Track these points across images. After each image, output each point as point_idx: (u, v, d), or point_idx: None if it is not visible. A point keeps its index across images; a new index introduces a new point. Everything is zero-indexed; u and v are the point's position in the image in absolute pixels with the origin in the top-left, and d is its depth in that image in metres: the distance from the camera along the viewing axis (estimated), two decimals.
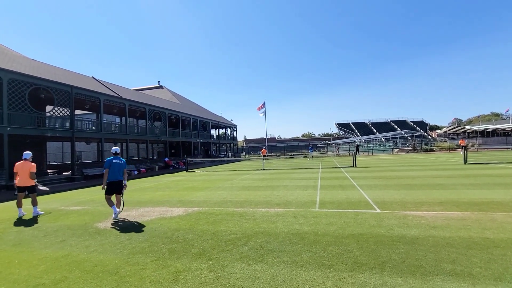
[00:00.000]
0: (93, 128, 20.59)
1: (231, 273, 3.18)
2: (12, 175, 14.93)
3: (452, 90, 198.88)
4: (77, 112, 23.24)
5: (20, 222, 6.38)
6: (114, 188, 6.21)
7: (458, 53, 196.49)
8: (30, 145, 18.37)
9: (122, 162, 6.35)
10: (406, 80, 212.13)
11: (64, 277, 3.28)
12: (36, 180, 7.24)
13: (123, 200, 6.59)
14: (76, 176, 17.28)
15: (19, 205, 6.97)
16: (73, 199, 9.56)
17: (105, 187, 6.15)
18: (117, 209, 6.20)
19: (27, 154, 7.26)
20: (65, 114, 18.81)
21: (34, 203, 7.11)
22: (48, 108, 20.63)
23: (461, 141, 30.38)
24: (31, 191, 7.10)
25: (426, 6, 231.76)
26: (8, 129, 13.64)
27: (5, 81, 13.56)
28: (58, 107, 18.01)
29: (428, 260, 3.27)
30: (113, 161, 6.19)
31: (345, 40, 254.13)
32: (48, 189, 8.36)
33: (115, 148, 6.45)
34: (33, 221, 6.42)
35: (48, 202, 9.04)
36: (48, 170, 21.05)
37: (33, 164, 7.17)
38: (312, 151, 35.10)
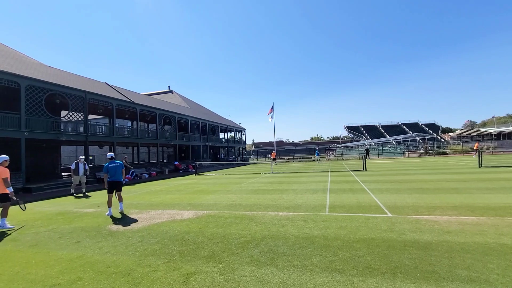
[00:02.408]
0: (106, 132, 21.07)
1: (241, 276, 3.19)
2: (28, 178, 15.45)
3: (465, 92, 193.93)
4: (90, 116, 23.87)
5: (36, 223, 6.58)
6: (114, 187, 7.34)
7: (470, 53, 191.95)
8: (46, 149, 18.99)
9: (118, 164, 7.46)
10: (417, 81, 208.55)
11: (79, 278, 3.37)
12: (11, 189, 6.38)
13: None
14: (89, 179, 17.68)
15: None
16: (87, 202, 9.79)
17: (107, 187, 7.31)
18: (120, 203, 7.47)
19: (1, 158, 6.38)
20: (79, 119, 19.37)
21: (4, 214, 6.29)
22: (63, 113, 21.30)
23: (476, 144, 29.67)
24: (3, 200, 6.30)
25: (437, 5, 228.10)
26: (25, 133, 14.15)
27: (23, 87, 14.10)
28: (73, 112, 18.57)
29: (442, 266, 3.20)
30: (109, 165, 7.29)
31: (354, 42, 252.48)
32: (24, 209, 7.33)
33: (110, 154, 7.66)
34: (48, 222, 6.61)
35: (63, 205, 9.30)
36: (62, 173, 21.64)
37: (5, 169, 6.34)
38: (318, 155, 34.79)
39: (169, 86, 44.93)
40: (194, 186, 13.08)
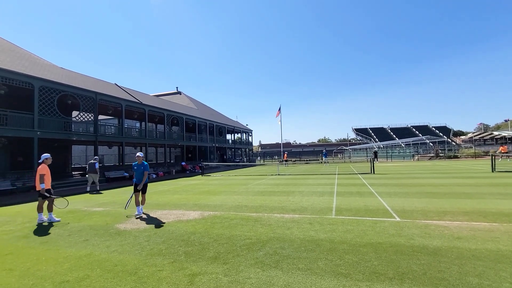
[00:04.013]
0: (115, 132, 21.44)
1: (246, 278, 3.19)
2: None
3: (477, 94, 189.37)
4: (100, 117, 24.33)
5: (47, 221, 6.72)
6: (136, 187, 7.17)
7: (482, 54, 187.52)
8: (57, 148, 19.43)
9: (142, 165, 7.21)
10: (427, 83, 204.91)
11: (87, 275, 3.43)
12: (43, 185, 6.52)
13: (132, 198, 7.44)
14: (99, 179, 17.99)
15: None
16: (96, 201, 9.97)
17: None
18: (138, 207, 7.11)
19: (43, 156, 6.69)
20: (89, 119, 19.76)
21: (49, 209, 6.63)
22: (74, 113, 21.78)
23: (502, 147, 28.88)
24: (44, 196, 6.56)
25: (449, 6, 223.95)
26: (38, 133, 14.52)
27: (36, 88, 14.50)
28: (83, 113, 18.97)
29: (452, 273, 3.12)
30: (134, 166, 7.24)
31: (363, 42, 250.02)
32: (62, 206, 7.65)
33: (140, 153, 7.30)
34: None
35: (73, 203, 9.47)
36: (73, 173, 22.11)
37: (45, 166, 6.58)
38: (326, 157, 34.52)
39: (177, 87, 45.43)
40: (201, 187, 13.15)
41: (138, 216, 6.77)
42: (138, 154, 7.25)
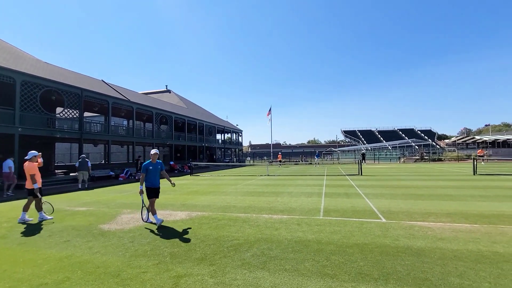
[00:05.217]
0: (101, 130, 20.89)
1: (232, 280, 3.15)
2: (21, 175, 15.22)
3: (461, 99, 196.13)
4: (86, 114, 23.67)
5: (27, 221, 6.45)
6: (154, 193, 5.94)
7: (468, 63, 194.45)
8: (40, 145, 18.74)
9: (159, 164, 5.99)
10: (414, 88, 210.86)
11: (67, 278, 3.30)
12: (37, 185, 6.33)
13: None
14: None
15: None
16: (79, 200, 9.66)
17: (142, 191, 5.91)
18: (155, 215, 5.84)
19: (30, 153, 6.47)
20: (74, 116, 19.19)
21: (38, 208, 6.44)
22: (58, 109, 21.09)
23: (479, 151, 30.25)
24: (33, 195, 6.38)
25: (435, 14, 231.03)
26: (19, 129, 13.96)
27: (18, 82, 13.93)
28: (68, 109, 18.41)
29: (435, 273, 3.18)
30: (149, 166, 5.80)
31: (353, 47, 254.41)
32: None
33: (154, 150, 5.89)
34: (39, 221, 6.49)
35: (55, 203, 9.13)
36: (56, 171, 21.38)
37: (34, 165, 6.39)
38: (318, 157, 34.89)
39: (166, 86, 44.81)
40: (189, 187, 12.99)
41: (158, 224, 5.65)
42: (154, 151, 5.79)
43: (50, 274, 3.44)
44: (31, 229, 5.70)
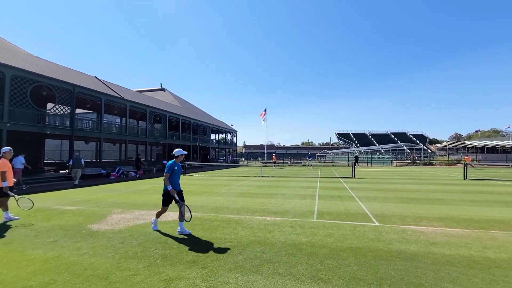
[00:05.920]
0: (93, 127, 20.52)
1: (225, 283, 3.08)
2: None
3: (452, 105, 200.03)
4: (78, 111, 23.22)
5: (12, 220, 6.25)
6: (179, 196, 5.30)
7: (459, 69, 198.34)
8: (29, 142, 18.29)
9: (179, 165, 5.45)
10: (407, 93, 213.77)
11: (53, 280, 3.18)
12: (5, 184, 6.10)
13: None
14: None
15: None
16: (68, 199, 9.43)
17: (167, 194, 5.28)
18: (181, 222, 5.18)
19: (3, 149, 6.28)
20: (66, 112, 18.79)
21: (4, 208, 6.21)
22: (49, 105, 20.62)
23: (466, 158, 30.81)
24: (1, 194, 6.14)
25: (428, 21, 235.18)
26: (8, 125, 13.58)
27: (8, 77, 13.56)
28: (59, 105, 18.01)
29: (428, 279, 3.18)
30: (175, 166, 5.22)
31: (346, 53, 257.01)
32: (25, 208, 6.95)
33: (178, 150, 5.35)
34: (25, 219, 6.29)
35: (43, 201, 8.91)
36: (45, 168, 20.90)
37: (5, 161, 6.14)
38: (310, 159, 34.99)
39: (161, 84, 44.48)
40: (182, 187, 12.81)
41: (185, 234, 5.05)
42: (181, 152, 5.27)
43: (35, 276, 3.31)
44: (17, 229, 5.51)
